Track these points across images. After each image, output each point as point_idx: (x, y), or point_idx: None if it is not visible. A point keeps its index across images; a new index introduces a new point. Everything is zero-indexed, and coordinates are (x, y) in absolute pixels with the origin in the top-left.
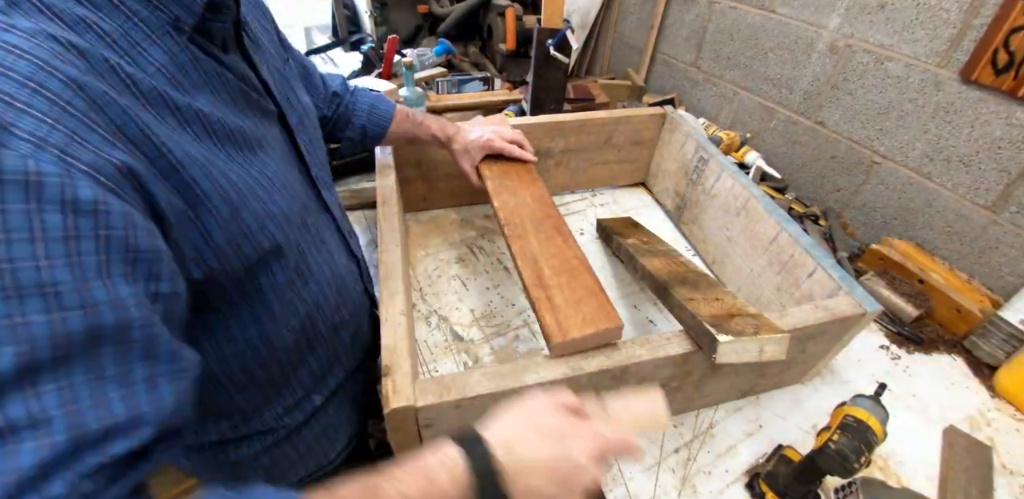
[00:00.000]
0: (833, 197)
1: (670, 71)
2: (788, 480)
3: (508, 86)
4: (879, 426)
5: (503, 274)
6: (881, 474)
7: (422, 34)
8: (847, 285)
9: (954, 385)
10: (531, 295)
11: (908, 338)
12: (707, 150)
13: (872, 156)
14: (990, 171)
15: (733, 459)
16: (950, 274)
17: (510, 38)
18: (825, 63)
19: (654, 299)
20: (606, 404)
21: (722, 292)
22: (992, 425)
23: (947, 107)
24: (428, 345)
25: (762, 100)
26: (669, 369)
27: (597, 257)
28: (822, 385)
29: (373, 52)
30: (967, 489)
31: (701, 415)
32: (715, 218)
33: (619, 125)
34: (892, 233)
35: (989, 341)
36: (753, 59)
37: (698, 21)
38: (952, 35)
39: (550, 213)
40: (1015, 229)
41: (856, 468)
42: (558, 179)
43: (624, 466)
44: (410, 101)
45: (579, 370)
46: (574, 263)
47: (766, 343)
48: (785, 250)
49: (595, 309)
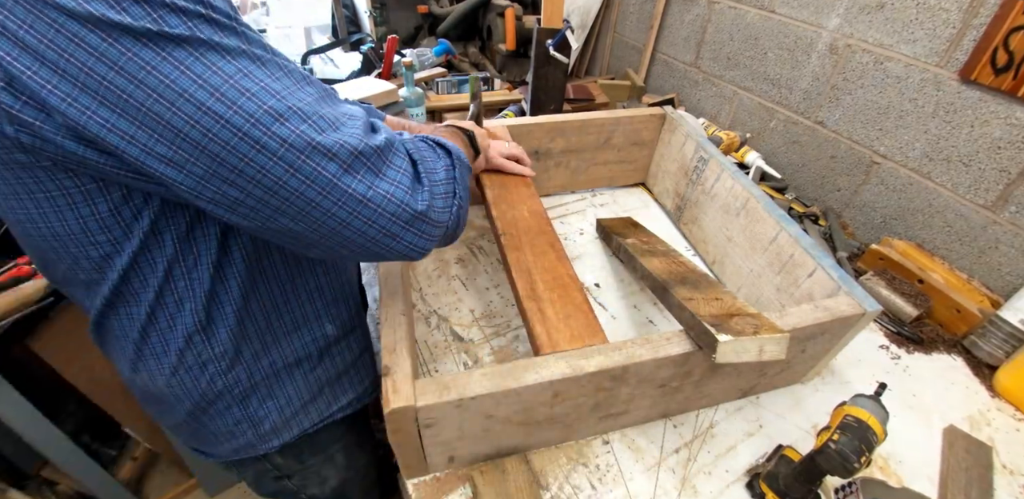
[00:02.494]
0: (833, 197)
1: (670, 71)
2: (788, 480)
3: (508, 86)
4: (879, 426)
5: (503, 274)
6: (881, 474)
7: (422, 34)
8: (847, 285)
9: (954, 385)
10: (523, 306)
11: (908, 338)
12: (707, 150)
13: (872, 156)
14: (990, 171)
15: (733, 459)
16: (950, 274)
17: (510, 38)
18: (825, 63)
19: (654, 299)
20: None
21: (722, 292)
22: (992, 425)
23: (947, 107)
24: (428, 345)
25: (762, 100)
26: (669, 369)
27: (597, 257)
28: (822, 385)
29: (373, 52)
30: (967, 489)
31: (701, 415)
32: (715, 218)
33: (619, 125)
34: (892, 233)
35: (989, 341)
36: (753, 59)
37: (698, 21)
38: (952, 35)
39: (545, 229)
40: (1015, 229)
41: (856, 468)
42: (558, 179)
43: (624, 466)
44: (410, 101)
45: (579, 370)
46: (566, 280)
47: (766, 343)
48: (785, 250)
49: (584, 326)
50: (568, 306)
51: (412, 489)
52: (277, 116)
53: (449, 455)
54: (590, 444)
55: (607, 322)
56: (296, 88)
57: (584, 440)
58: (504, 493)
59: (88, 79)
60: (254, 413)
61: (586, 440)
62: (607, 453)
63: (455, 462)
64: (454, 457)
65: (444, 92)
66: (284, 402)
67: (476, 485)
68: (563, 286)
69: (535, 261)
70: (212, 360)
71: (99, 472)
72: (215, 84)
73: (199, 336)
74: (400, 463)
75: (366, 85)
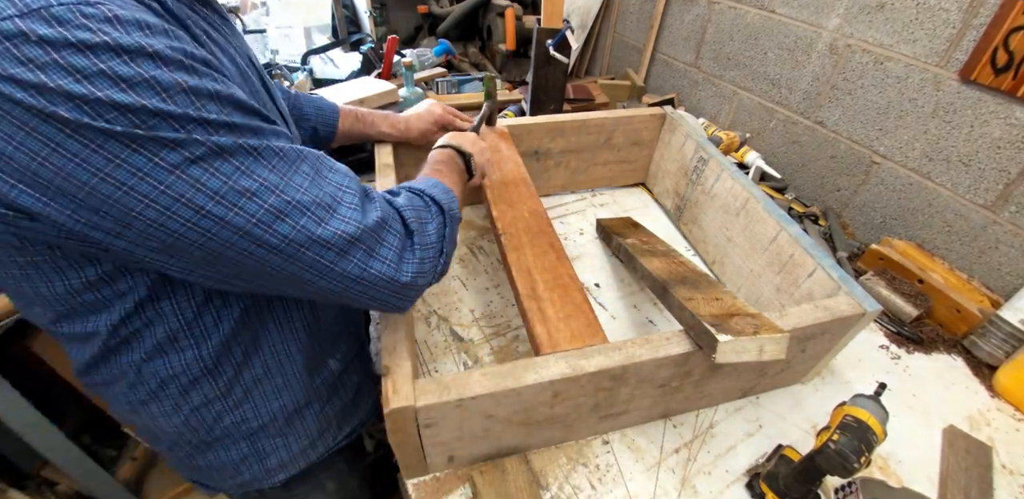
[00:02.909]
0: (833, 197)
1: (670, 71)
2: (788, 480)
3: (508, 86)
4: (879, 426)
5: (503, 274)
6: (881, 474)
7: (422, 34)
8: (847, 285)
9: (954, 385)
10: (524, 306)
11: (908, 338)
12: (707, 150)
13: (872, 156)
14: (989, 171)
15: (733, 459)
16: (950, 274)
17: (510, 38)
18: (824, 63)
19: (654, 299)
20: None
21: (722, 292)
22: (992, 425)
23: (947, 107)
24: (428, 345)
25: (762, 100)
26: (669, 369)
27: (597, 257)
28: (822, 385)
29: (373, 52)
30: (967, 489)
31: (701, 415)
32: (715, 218)
33: (619, 125)
34: (892, 233)
35: (989, 341)
36: (753, 59)
37: (698, 21)
38: (951, 35)
39: (546, 230)
40: (1015, 229)
41: (856, 468)
42: (558, 179)
43: (624, 466)
44: (410, 101)
45: (579, 370)
46: (566, 280)
47: (766, 343)
48: (785, 250)
49: (584, 326)
50: (568, 306)
51: (412, 489)
52: (278, 214)
53: (449, 455)
54: (590, 444)
55: (607, 322)
56: (292, 171)
57: (584, 440)
58: (504, 493)
59: (66, 184)
60: (262, 449)
61: (586, 440)
62: (607, 453)
63: (455, 462)
64: (454, 457)
65: (444, 92)
66: (293, 439)
67: (476, 485)
68: (563, 286)
69: (535, 261)
70: (218, 398)
71: (99, 472)
72: (214, 187)
73: (206, 379)
74: (400, 463)
75: (366, 85)
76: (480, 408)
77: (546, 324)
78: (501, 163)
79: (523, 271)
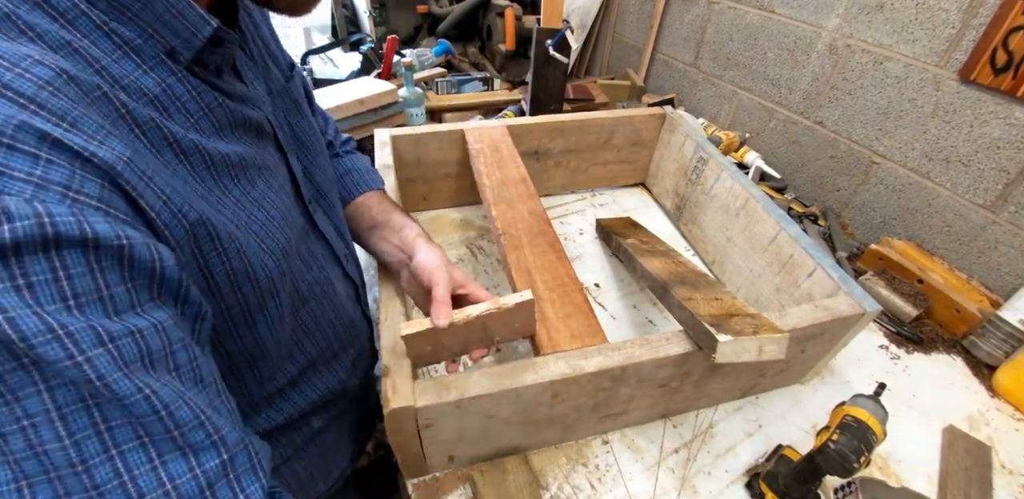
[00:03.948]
0: (832, 197)
1: (669, 71)
2: (788, 480)
3: (507, 86)
4: (879, 426)
5: (503, 274)
6: (881, 474)
7: (421, 34)
8: (846, 285)
9: (953, 385)
10: None
11: (907, 338)
12: (706, 150)
13: (871, 156)
14: (989, 171)
15: (733, 459)
16: (949, 274)
17: (509, 38)
18: (824, 63)
19: (654, 299)
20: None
21: (721, 292)
22: (991, 425)
23: (946, 107)
24: None
25: (761, 100)
26: (669, 369)
27: (597, 257)
28: (822, 385)
29: (372, 52)
30: (967, 489)
31: (701, 415)
32: (714, 218)
33: (618, 125)
34: (891, 233)
35: (988, 341)
36: (752, 59)
37: (697, 21)
38: (951, 35)
39: (545, 230)
40: (1014, 229)
41: (856, 468)
42: (558, 179)
43: (624, 466)
44: (409, 101)
45: (579, 370)
46: (566, 280)
47: (765, 343)
48: (784, 250)
49: (584, 326)
50: (568, 306)
51: (412, 489)
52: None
53: (449, 455)
54: (590, 444)
55: (607, 322)
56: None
57: (584, 440)
58: (504, 493)
59: None
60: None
61: (586, 440)
62: (607, 453)
63: (455, 462)
64: (454, 457)
65: (444, 92)
66: (300, 468)
67: (476, 485)
68: (563, 286)
69: (535, 261)
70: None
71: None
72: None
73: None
74: (400, 463)
75: (366, 85)
76: (480, 408)
77: (545, 324)
78: (501, 163)
79: (523, 271)
